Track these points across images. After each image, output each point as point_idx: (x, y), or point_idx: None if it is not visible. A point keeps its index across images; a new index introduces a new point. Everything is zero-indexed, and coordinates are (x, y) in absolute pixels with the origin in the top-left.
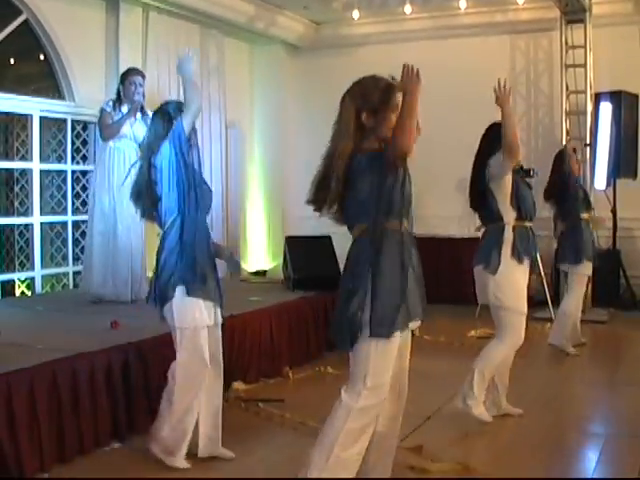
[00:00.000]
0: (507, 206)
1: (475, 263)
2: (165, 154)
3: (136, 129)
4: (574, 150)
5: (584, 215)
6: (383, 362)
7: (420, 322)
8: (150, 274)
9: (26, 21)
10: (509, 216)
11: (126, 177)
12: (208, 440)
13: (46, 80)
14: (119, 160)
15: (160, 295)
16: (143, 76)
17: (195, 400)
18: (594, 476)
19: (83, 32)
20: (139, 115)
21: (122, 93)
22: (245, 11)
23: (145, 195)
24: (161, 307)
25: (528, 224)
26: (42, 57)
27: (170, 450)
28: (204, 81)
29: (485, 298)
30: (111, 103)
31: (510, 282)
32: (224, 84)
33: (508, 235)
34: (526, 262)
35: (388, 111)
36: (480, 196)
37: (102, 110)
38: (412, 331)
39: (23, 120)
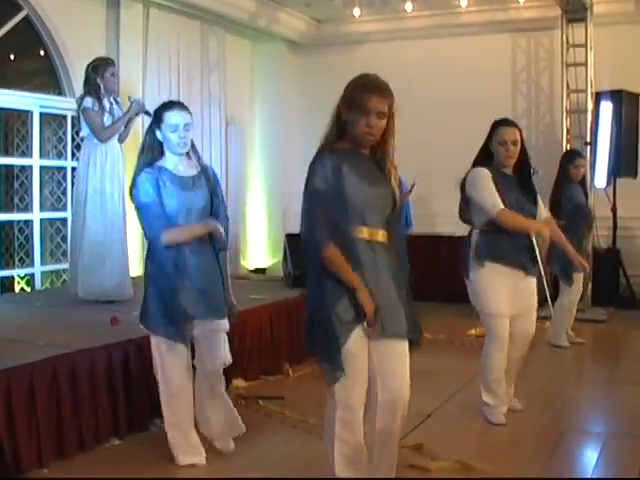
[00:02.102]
0: (475, 211)
1: None
2: None
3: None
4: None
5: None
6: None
7: (401, 339)
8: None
9: (26, 17)
10: (478, 221)
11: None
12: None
13: (46, 76)
14: (106, 155)
15: None
16: (115, 65)
17: (180, 415)
18: (594, 475)
19: (84, 28)
20: (116, 107)
21: (101, 85)
22: (246, 8)
23: None
24: None
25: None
26: (42, 53)
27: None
28: (204, 77)
29: None
30: (91, 101)
31: (479, 286)
32: (225, 81)
33: (474, 239)
34: (500, 266)
35: (356, 112)
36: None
37: (85, 109)
38: None
39: (23, 116)
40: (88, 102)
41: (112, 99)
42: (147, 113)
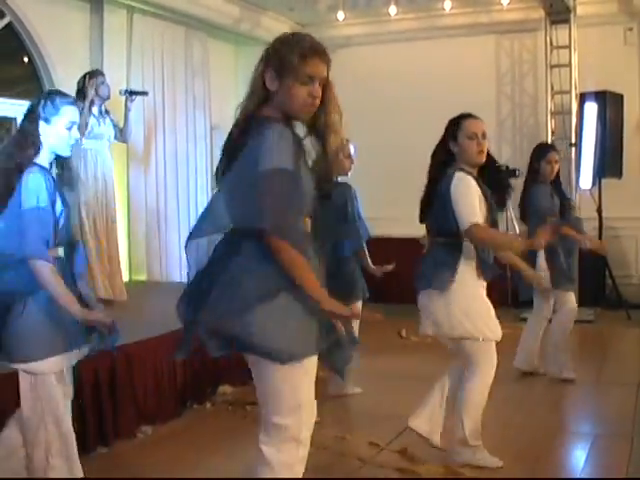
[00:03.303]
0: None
1: None
2: None
3: (108, 128)
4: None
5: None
6: None
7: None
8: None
9: (10, 24)
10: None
11: None
12: None
13: (30, 83)
14: (96, 161)
15: None
16: (104, 76)
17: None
18: (582, 476)
19: (67, 34)
20: (106, 116)
21: (92, 93)
22: (230, 13)
23: None
24: None
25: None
26: (26, 60)
27: None
28: (189, 82)
29: None
30: (81, 105)
31: (477, 304)
32: (209, 85)
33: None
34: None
35: (292, 79)
36: None
37: None
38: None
39: (7, 124)
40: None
41: (103, 108)
42: (135, 93)
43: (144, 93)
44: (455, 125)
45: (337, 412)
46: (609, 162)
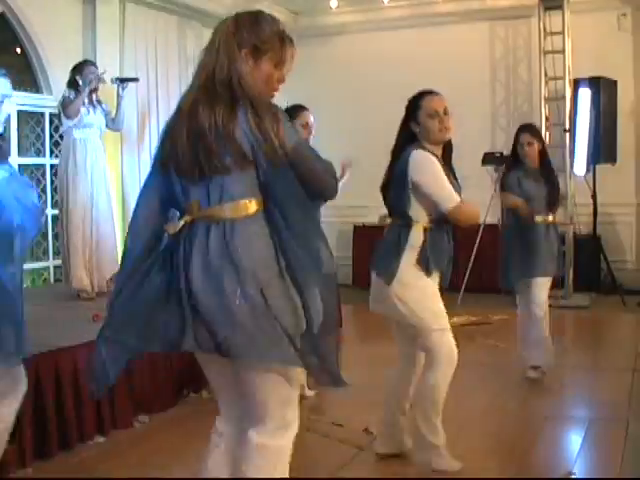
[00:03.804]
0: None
1: None
2: None
3: (99, 117)
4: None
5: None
6: None
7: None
8: None
9: (2, 14)
10: (421, 214)
11: None
12: None
13: (23, 74)
14: (86, 149)
15: None
16: (97, 67)
17: None
18: (578, 460)
19: (60, 25)
20: (97, 105)
21: (81, 82)
22: (223, 1)
23: None
24: None
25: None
26: (19, 51)
27: None
28: (182, 72)
29: None
30: (68, 90)
31: (423, 296)
32: None
33: (414, 238)
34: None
35: (267, 59)
36: None
37: (64, 97)
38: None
39: None
40: (66, 92)
41: (94, 98)
42: (126, 80)
43: (135, 79)
44: (414, 104)
45: (333, 400)
46: (603, 148)
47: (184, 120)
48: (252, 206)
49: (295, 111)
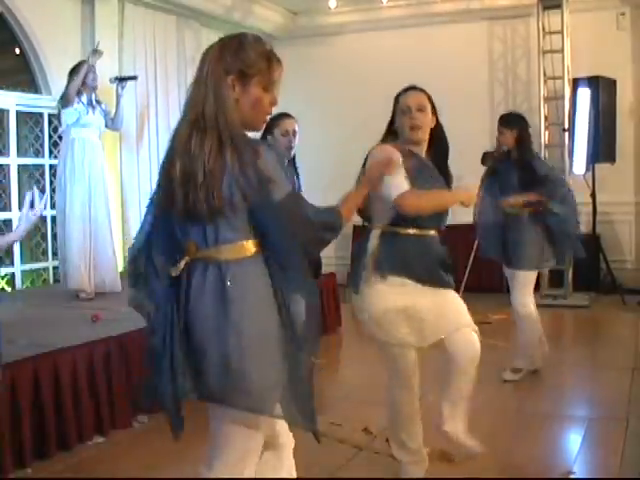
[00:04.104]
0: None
1: None
2: None
3: (97, 117)
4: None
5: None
6: None
7: None
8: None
9: (0, 15)
10: (379, 215)
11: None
12: None
13: (22, 74)
14: (84, 149)
15: None
16: (94, 65)
17: None
18: (578, 459)
19: (59, 25)
20: (96, 105)
21: (80, 83)
22: (222, 1)
23: None
24: None
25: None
26: (17, 51)
27: None
28: (181, 72)
29: None
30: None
31: (375, 306)
32: None
33: (372, 242)
34: (405, 280)
35: (255, 83)
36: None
37: (62, 94)
38: None
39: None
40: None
41: (93, 98)
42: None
43: (134, 77)
44: (395, 100)
45: (331, 399)
46: (602, 147)
47: (178, 158)
48: (250, 247)
49: (276, 119)
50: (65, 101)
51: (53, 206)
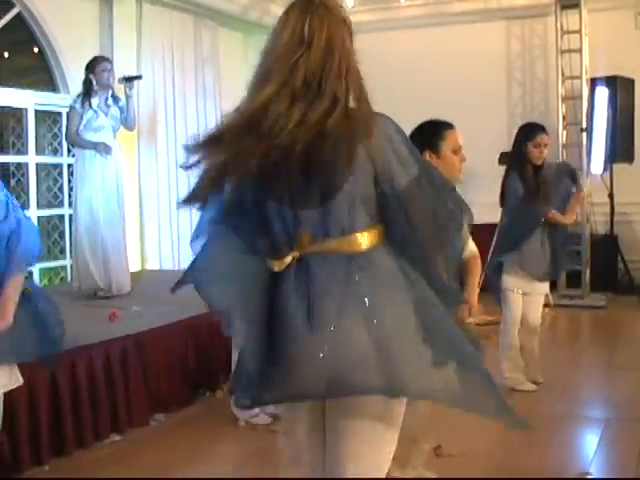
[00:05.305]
0: None
1: None
2: None
3: (112, 118)
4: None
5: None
6: None
7: None
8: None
9: (19, 14)
10: None
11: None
12: None
13: (40, 73)
14: (96, 153)
15: None
16: (110, 62)
17: None
18: (594, 460)
19: (77, 24)
20: (111, 100)
21: (93, 82)
22: (239, 1)
23: None
24: None
25: None
26: (36, 50)
27: None
28: (198, 71)
29: None
30: (79, 100)
31: None
32: (218, 74)
33: None
34: None
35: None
36: None
37: (71, 107)
38: None
39: (18, 114)
40: (75, 101)
41: (110, 96)
42: (130, 79)
43: (138, 77)
44: (435, 133)
45: None
46: (620, 147)
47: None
48: (374, 237)
49: None
50: (71, 141)
51: (71, 204)
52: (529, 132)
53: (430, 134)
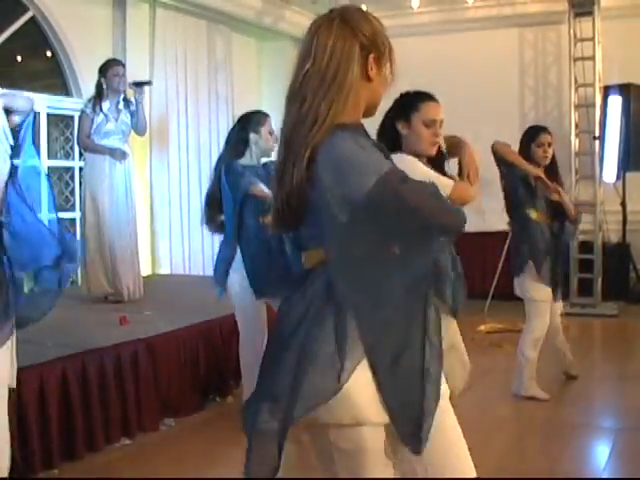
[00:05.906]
0: None
1: None
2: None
3: (122, 123)
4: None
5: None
6: None
7: None
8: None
9: (33, 18)
10: None
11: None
12: None
13: (53, 77)
14: (105, 158)
15: None
16: (123, 66)
17: None
18: (606, 471)
19: (90, 29)
20: (122, 105)
21: (105, 86)
22: (253, 6)
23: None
24: None
25: None
26: (49, 54)
27: None
28: (211, 76)
29: None
30: (90, 104)
31: None
32: (232, 79)
33: None
34: None
35: (384, 68)
36: None
37: (82, 112)
38: None
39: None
40: (86, 105)
41: (122, 99)
42: (139, 85)
43: (148, 83)
44: (408, 104)
45: None
46: (633, 155)
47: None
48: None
49: (259, 117)
50: (84, 145)
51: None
52: (532, 134)
53: (405, 104)
